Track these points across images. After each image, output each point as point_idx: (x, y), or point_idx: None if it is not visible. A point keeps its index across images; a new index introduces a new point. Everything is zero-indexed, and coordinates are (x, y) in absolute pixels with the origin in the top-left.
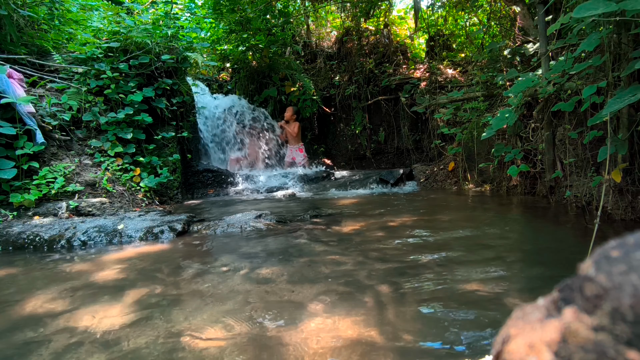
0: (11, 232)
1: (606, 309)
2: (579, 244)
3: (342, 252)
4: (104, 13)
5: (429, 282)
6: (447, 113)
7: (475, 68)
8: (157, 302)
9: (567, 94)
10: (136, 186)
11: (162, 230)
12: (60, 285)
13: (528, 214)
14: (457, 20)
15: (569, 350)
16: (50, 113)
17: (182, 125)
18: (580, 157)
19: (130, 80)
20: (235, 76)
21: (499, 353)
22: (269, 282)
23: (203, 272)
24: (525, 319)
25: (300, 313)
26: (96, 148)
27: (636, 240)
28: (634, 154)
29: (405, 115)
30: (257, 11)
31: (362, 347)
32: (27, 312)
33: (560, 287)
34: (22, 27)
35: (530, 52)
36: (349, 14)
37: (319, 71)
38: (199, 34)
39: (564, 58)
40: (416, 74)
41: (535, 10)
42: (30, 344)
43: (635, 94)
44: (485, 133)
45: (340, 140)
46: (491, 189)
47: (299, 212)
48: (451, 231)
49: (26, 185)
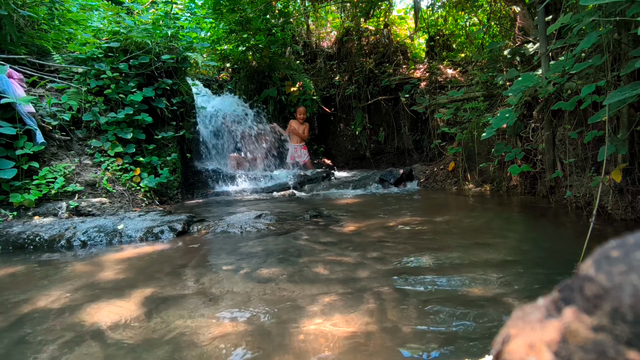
0: (11, 232)
1: (606, 309)
2: (579, 244)
3: (342, 252)
4: (104, 13)
5: (428, 282)
6: (447, 113)
7: (475, 68)
8: (157, 302)
9: (567, 93)
10: (136, 186)
11: (162, 230)
12: (60, 285)
13: (528, 214)
14: (457, 20)
15: (569, 350)
16: (50, 113)
17: (182, 125)
18: (580, 157)
19: (130, 80)
20: (235, 76)
21: (499, 353)
22: (269, 282)
23: (203, 272)
24: (525, 319)
25: (300, 313)
26: (96, 148)
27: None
28: (634, 154)
29: (405, 115)
30: (257, 11)
31: (362, 348)
32: (27, 312)
33: (560, 287)
34: (22, 27)
35: (530, 52)
36: (349, 14)
37: (319, 71)
38: (199, 34)
39: (564, 58)
40: (416, 74)
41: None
42: (30, 343)
43: (636, 89)
44: (485, 133)
45: (340, 140)
46: (491, 189)
47: (299, 212)
48: (451, 231)
49: (26, 185)
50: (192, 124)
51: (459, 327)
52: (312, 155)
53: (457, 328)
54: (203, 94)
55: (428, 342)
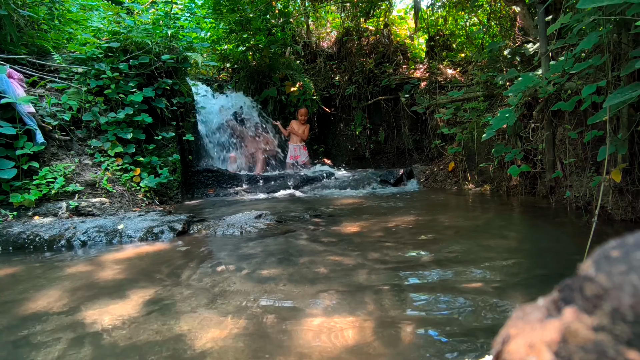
0: (11, 232)
1: (606, 309)
2: (579, 244)
3: (342, 252)
4: (104, 13)
5: (429, 282)
6: (447, 113)
7: (475, 68)
8: (157, 302)
9: (567, 93)
10: (136, 186)
11: (162, 230)
12: (60, 285)
13: (528, 214)
14: (457, 20)
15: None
16: (50, 113)
17: (182, 125)
18: (580, 157)
19: (130, 80)
20: (235, 76)
21: (498, 353)
22: (269, 282)
23: (203, 272)
24: (525, 319)
25: (300, 313)
26: (96, 148)
27: (636, 240)
28: (634, 153)
29: (405, 115)
30: (257, 11)
31: (362, 348)
32: (27, 312)
33: (560, 287)
34: (22, 27)
35: (530, 52)
36: (349, 14)
37: (319, 71)
38: (199, 34)
39: (564, 58)
40: (416, 74)
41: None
42: (30, 343)
43: (636, 90)
44: (485, 134)
45: (340, 140)
46: (491, 189)
47: (299, 212)
48: (451, 231)
49: (26, 185)
50: (192, 124)
51: (459, 326)
52: (312, 155)
53: (457, 327)
54: (203, 94)
55: (428, 342)
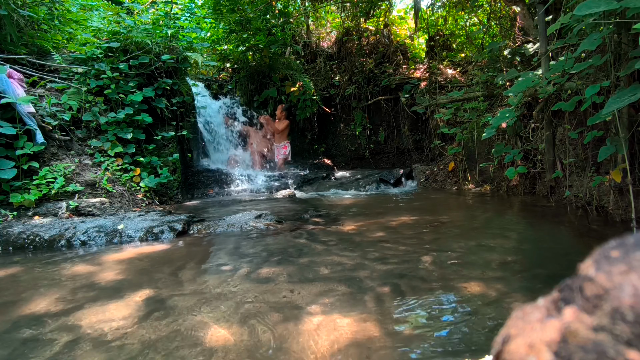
0: (11, 232)
1: (606, 309)
2: (579, 244)
3: (342, 252)
4: (104, 13)
5: (429, 282)
6: (447, 113)
7: (475, 68)
8: (157, 302)
9: (567, 93)
10: (136, 186)
11: (162, 230)
12: (61, 285)
13: (528, 214)
14: (457, 20)
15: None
16: (50, 113)
17: (182, 125)
18: (580, 157)
19: (130, 80)
20: (235, 76)
21: (499, 353)
22: (269, 282)
23: (203, 272)
24: (525, 319)
25: (299, 313)
26: (96, 148)
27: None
28: (634, 153)
29: (405, 115)
30: (257, 11)
31: (362, 348)
32: (27, 312)
33: (560, 287)
34: (22, 27)
35: (530, 52)
36: (349, 14)
37: (319, 71)
38: (199, 34)
39: (564, 58)
40: (416, 74)
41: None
42: (30, 344)
43: (635, 94)
44: (485, 133)
45: (340, 140)
46: (491, 189)
47: (299, 212)
48: (451, 231)
49: (26, 185)
50: (192, 123)
51: (459, 326)
52: (313, 156)
53: (457, 327)
54: (203, 94)
55: (428, 342)
